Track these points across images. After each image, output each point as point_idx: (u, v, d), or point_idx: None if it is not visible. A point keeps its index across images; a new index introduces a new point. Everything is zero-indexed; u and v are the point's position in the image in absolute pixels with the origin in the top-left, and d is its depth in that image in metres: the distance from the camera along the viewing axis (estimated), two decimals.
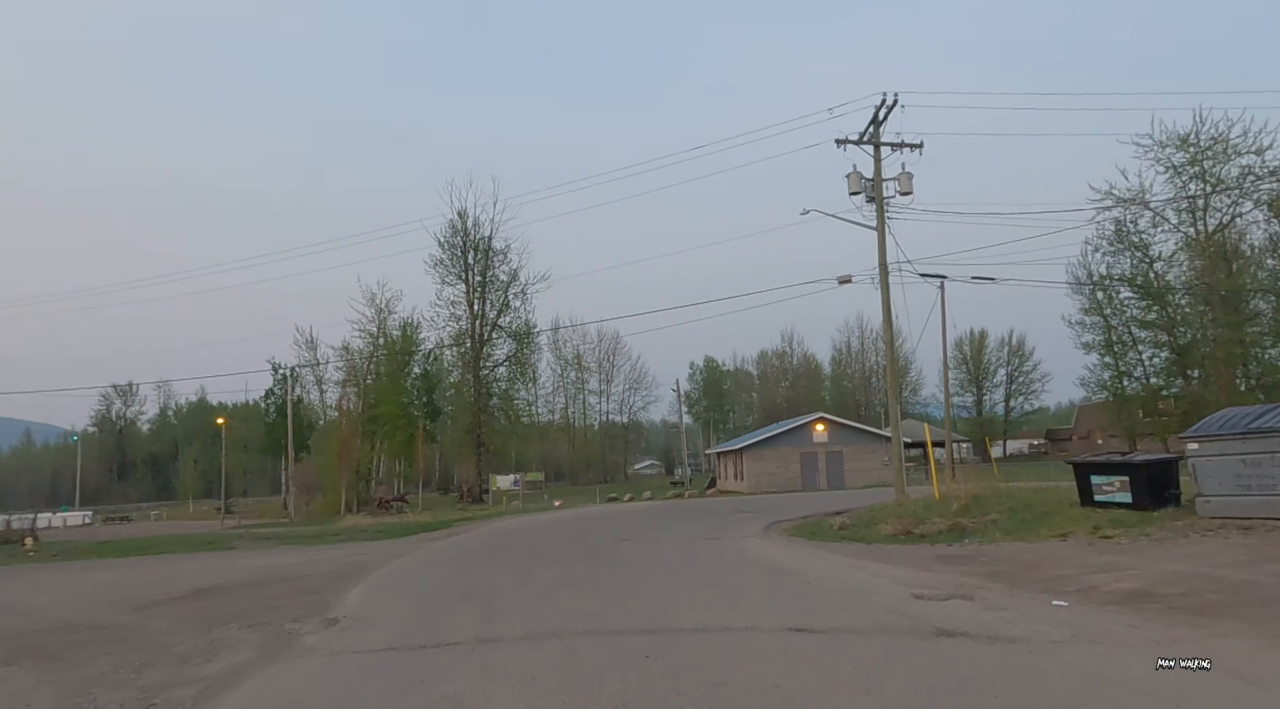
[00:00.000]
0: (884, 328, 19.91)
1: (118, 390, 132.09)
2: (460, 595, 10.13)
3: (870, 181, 20.87)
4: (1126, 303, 54.30)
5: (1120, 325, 55.72)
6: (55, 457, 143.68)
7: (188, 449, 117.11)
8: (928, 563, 10.77)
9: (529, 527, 24.31)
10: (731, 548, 14.26)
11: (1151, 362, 54.86)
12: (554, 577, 11.44)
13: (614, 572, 11.64)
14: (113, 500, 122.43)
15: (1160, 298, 50.63)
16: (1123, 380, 57.35)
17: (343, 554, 17.74)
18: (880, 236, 20.59)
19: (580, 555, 14.42)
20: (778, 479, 46.52)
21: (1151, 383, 54.42)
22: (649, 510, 30.64)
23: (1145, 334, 54.08)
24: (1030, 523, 12.95)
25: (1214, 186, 46.57)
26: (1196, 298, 48.91)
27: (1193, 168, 47.32)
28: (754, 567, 11.38)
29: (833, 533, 15.24)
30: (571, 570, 12.15)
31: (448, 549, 18.06)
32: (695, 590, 9.35)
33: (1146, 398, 54.71)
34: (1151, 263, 50.77)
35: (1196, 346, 50.57)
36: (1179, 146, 46.53)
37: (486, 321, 59.67)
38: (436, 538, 21.69)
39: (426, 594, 10.72)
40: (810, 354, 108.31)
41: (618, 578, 10.96)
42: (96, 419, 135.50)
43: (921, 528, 13.49)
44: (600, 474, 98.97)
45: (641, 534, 18.47)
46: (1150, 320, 52.05)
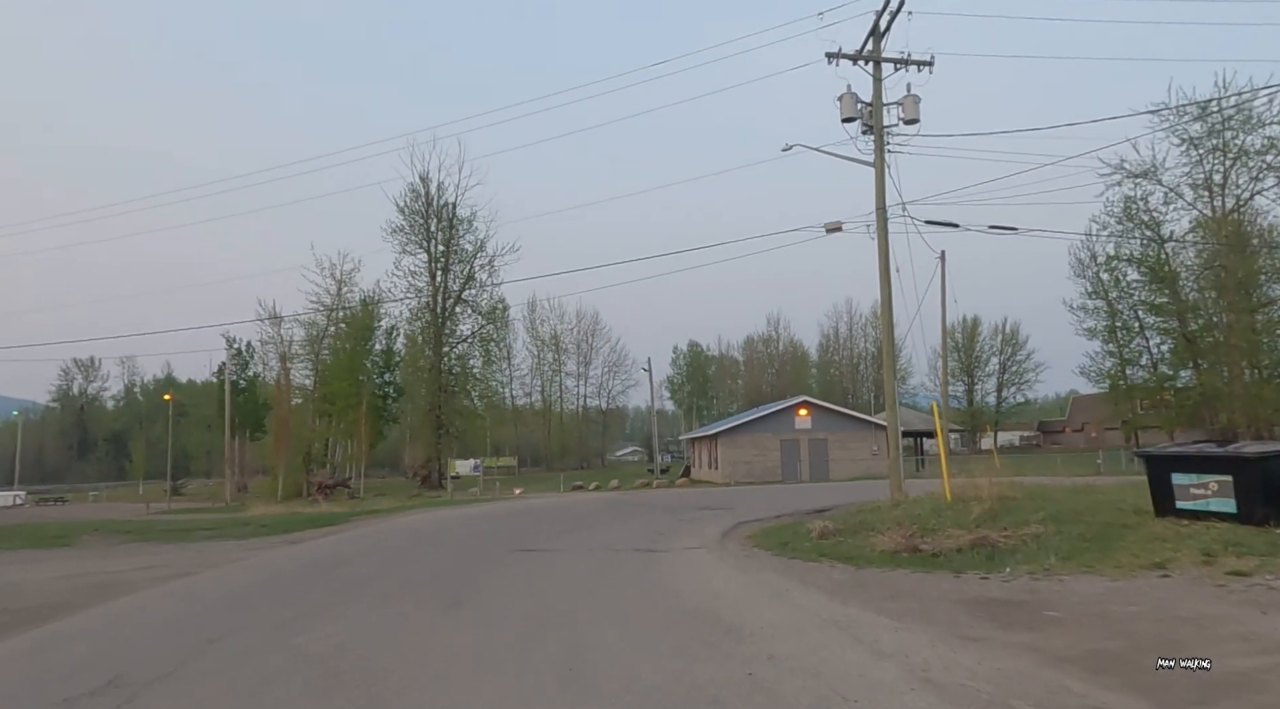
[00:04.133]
0: (880, 284, 16.10)
1: (79, 365, 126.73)
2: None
3: (868, 106, 16.98)
4: (1134, 286, 50.84)
5: (1127, 310, 52.21)
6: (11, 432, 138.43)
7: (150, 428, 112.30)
8: (960, 619, 6.75)
9: (435, 525, 19.96)
10: (662, 570, 10.32)
11: (1159, 349, 51.43)
12: (323, 641, 6.89)
13: (441, 626, 7.39)
14: (72, 479, 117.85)
15: (1171, 280, 47.12)
16: (1126, 369, 53.90)
17: (82, 570, 13.17)
18: (879, 172, 16.74)
19: (430, 584, 10.06)
20: (755, 469, 42.78)
21: (1159, 371, 50.95)
22: (602, 503, 26.84)
23: (1153, 320, 50.61)
24: (1093, 541, 8.98)
25: (1235, 159, 43.00)
26: (1209, 281, 45.47)
27: (1211, 140, 43.79)
28: (676, 617, 7.30)
29: (810, 544, 11.42)
30: (375, 623, 7.70)
31: (245, 573, 12.46)
32: (534, 691, 5.19)
33: (1153, 388, 51.22)
34: (1163, 243, 47.20)
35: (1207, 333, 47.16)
36: (1198, 116, 42.93)
37: (449, 294, 55.55)
38: (297, 540, 17.27)
39: None
40: (797, 340, 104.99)
41: (430, 645, 6.68)
42: (57, 395, 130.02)
43: (932, 542, 9.66)
44: (579, 460, 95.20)
45: (559, 540, 14.48)
46: (1159, 304, 48.53)
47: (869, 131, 17.11)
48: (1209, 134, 43.42)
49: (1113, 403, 59.34)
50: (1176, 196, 45.35)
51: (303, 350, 60.87)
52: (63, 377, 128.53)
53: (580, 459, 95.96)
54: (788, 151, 18.41)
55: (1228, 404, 43.37)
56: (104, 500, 60.48)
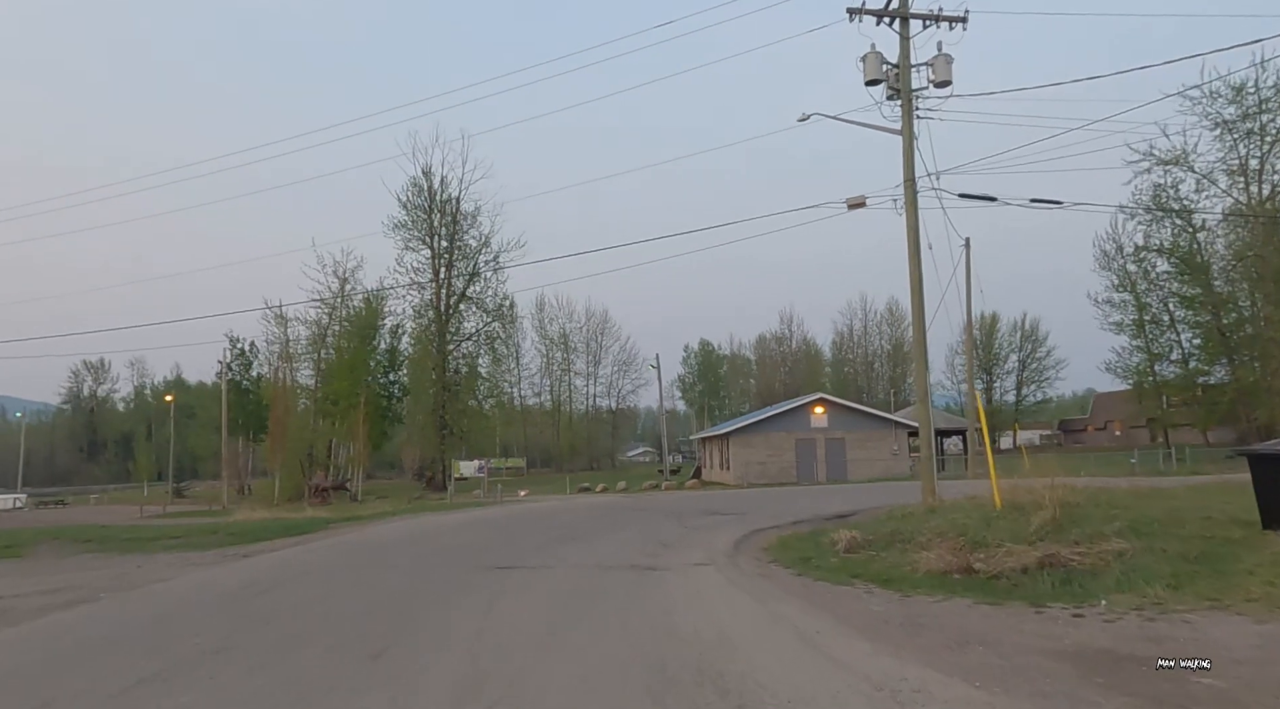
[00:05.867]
0: (909, 263, 14.41)
1: (88, 366, 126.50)
2: None
3: (894, 68, 15.29)
4: (1163, 277, 48.69)
5: (1157, 303, 50.04)
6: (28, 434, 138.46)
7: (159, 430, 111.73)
8: (1072, 686, 4.85)
9: (413, 535, 17.85)
10: (658, 598, 8.42)
11: (1191, 344, 49.20)
12: None
13: (335, 694, 5.48)
14: (81, 481, 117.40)
15: (1204, 271, 44.98)
16: (1155, 365, 51.69)
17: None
18: (906, 140, 15.08)
19: (359, 621, 7.91)
20: (769, 470, 41.03)
21: (1191, 367, 48.76)
22: (605, 507, 25.23)
23: (1184, 314, 48.44)
24: (1200, 563, 7.15)
25: (1273, 143, 40.86)
26: (1244, 272, 43.33)
27: (1246, 123, 41.68)
28: (668, 681, 5.35)
29: (837, 560, 9.74)
30: (249, 693, 5.61)
31: (148, 602, 10.17)
32: None
33: (1184, 384, 49.02)
34: (1195, 232, 45.09)
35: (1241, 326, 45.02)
36: (1232, 98, 40.84)
37: (453, 291, 54.14)
38: (252, 553, 15.16)
39: None
40: (810, 338, 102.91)
41: None
42: (68, 396, 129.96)
43: (988, 559, 7.93)
44: (588, 461, 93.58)
45: (545, 554, 12.66)
46: (1191, 297, 46.40)
47: (895, 96, 15.44)
48: (1244, 117, 41.38)
49: (1137, 400, 57.20)
50: (1209, 183, 43.26)
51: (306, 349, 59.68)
52: (73, 379, 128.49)
53: (590, 460, 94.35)
54: (804, 121, 16.76)
55: (1265, 401, 41.26)
56: (105, 503, 59.37)
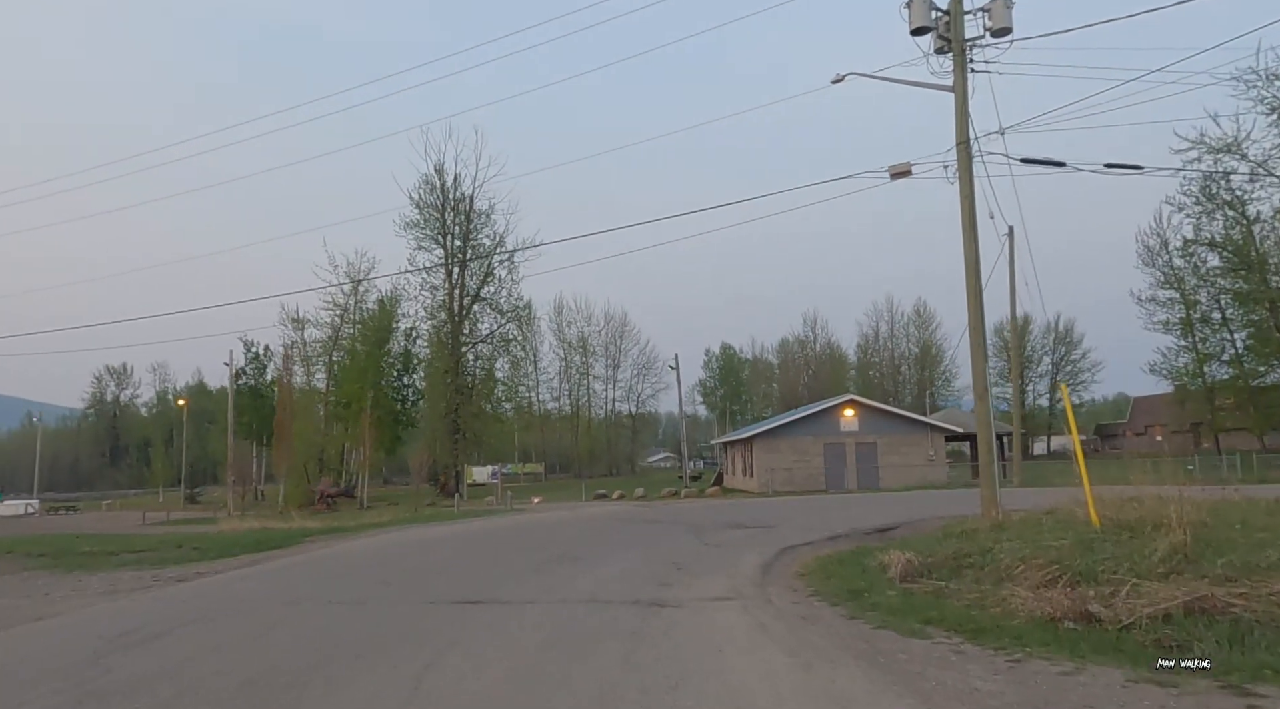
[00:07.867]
0: (964, 238, 12.40)
1: (111, 372, 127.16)
2: None
3: (945, 14, 13.30)
4: (1213, 273, 45.91)
5: (1206, 300, 47.25)
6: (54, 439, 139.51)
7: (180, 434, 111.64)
8: None
9: (389, 553, 15.63)
10: (660, 659, 6.13)
11: (1245, 343, 46.32)
12: None
13: None
14: (104, 486, 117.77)
15: (1259, 265, 42.25)
16: (1204, 366, 48.84)
17: None
18: (959, 98, 13.09)
19: (234, 698, 5.53)
20: (795, 476, 38.86)
21: (1246, 367, 45.90)
22: (618, 518, 23.30)
23: (1236, 311, 45.62)
24: None
25: None
26: None
27: None
28: None
29: (895, 594, 7.72)
30: None
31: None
32: None
33: (1237, 386, 46.15)
34: (1250, 224, 42.38)
35: None
36: None
37: (467, 292, 52.57)
38: (204, 573, 13.35)
39: None
40: (834, 341, 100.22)
41: None
42: (92, 401, 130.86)
43: (1108, 600, 5.93)
44: (608, 467, 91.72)
45: (531, 582, 10.45)
46: (1245, 293, 43.63)
47: (945, 48, 13.40)
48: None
49: (1180, 403, 54.29)
50: (1265, 173, 40.54)
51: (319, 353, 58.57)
52: (96, 384, 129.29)
53: (610, 466, 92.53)
54: (839, 82, 14.77)
55: None
56: (116, 509, 58.47)
